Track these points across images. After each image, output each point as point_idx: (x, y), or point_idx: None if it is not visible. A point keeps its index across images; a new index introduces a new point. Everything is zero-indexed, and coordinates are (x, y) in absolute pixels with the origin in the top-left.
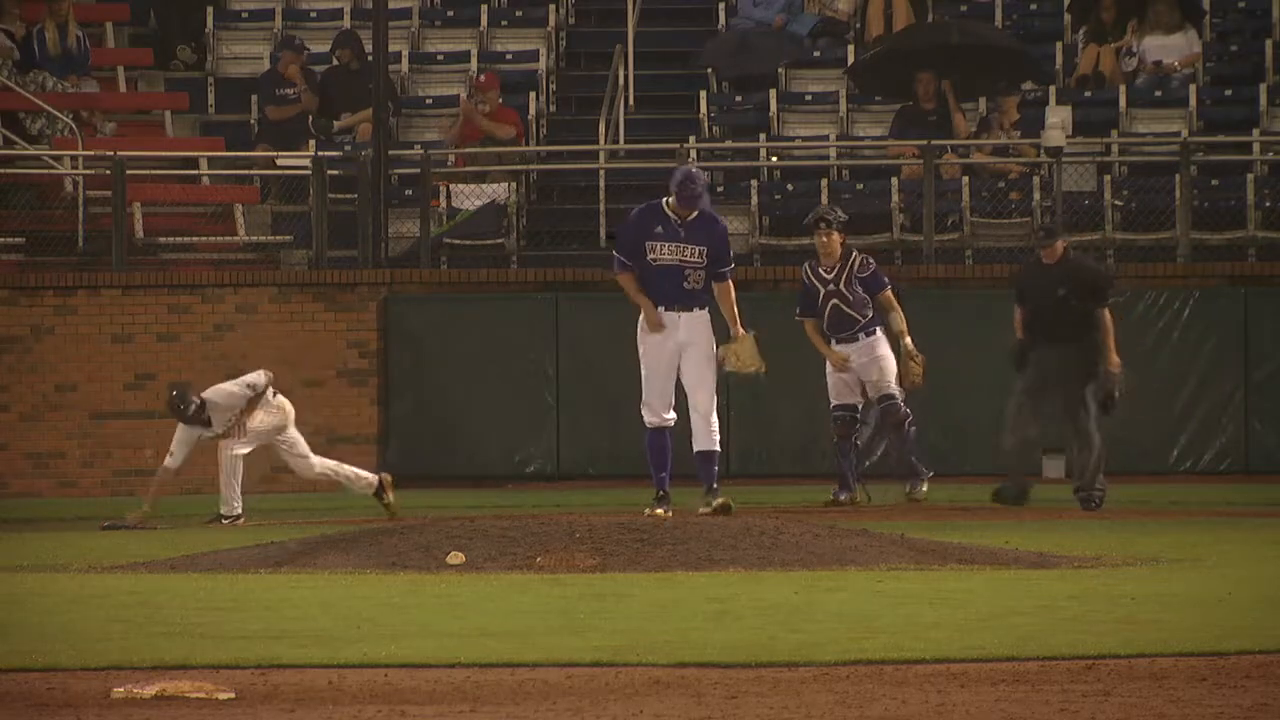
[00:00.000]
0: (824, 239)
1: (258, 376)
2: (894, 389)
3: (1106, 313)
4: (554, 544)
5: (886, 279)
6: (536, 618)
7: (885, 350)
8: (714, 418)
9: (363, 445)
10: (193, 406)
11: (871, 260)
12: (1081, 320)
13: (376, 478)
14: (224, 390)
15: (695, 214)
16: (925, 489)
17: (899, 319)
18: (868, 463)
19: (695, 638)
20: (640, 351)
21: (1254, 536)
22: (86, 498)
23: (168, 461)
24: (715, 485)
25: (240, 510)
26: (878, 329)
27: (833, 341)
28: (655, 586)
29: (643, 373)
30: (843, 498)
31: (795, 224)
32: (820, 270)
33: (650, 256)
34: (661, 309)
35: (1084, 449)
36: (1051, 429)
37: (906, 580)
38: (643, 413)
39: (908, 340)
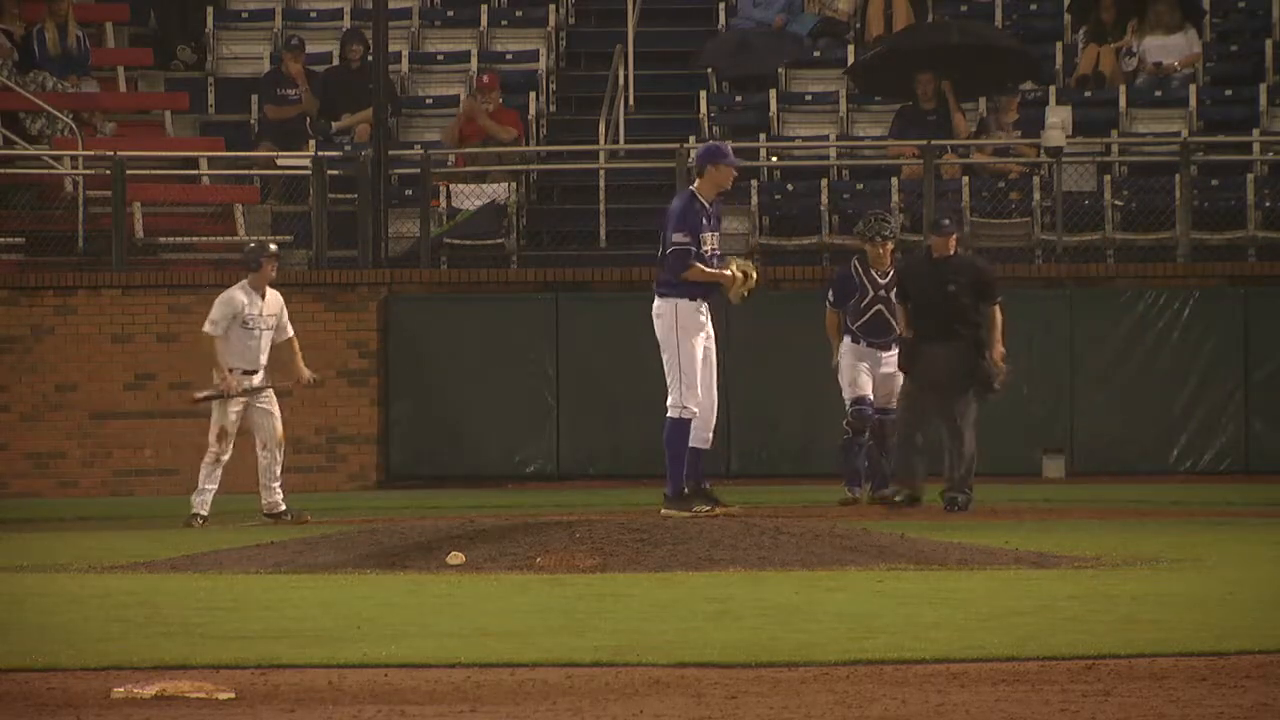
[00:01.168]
0: (880, 250)
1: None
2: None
3: (997, 310)
4: (554, 544)
5: None
6: (536, 618)
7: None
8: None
9: (363, 445)
10: (267, 252)
11: None
12: (968, 316)
13: (279, 509)
14: (279, 298)
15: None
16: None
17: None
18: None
19: (695, 638)
20: (679, 342)
21: (1254, 536)
22: (86, 498)
23: (209, 328)
24: (707, 484)
25: None
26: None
27: (863, 342)
28: (655, 586)
29: (685, 364)
30: (855, 493)
31: (795, 224)
32: (874, 273)
33: (705, 248)
34: (700, 300)
35: (957, 451)
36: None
37: (906, 580)
38: (684, 404)
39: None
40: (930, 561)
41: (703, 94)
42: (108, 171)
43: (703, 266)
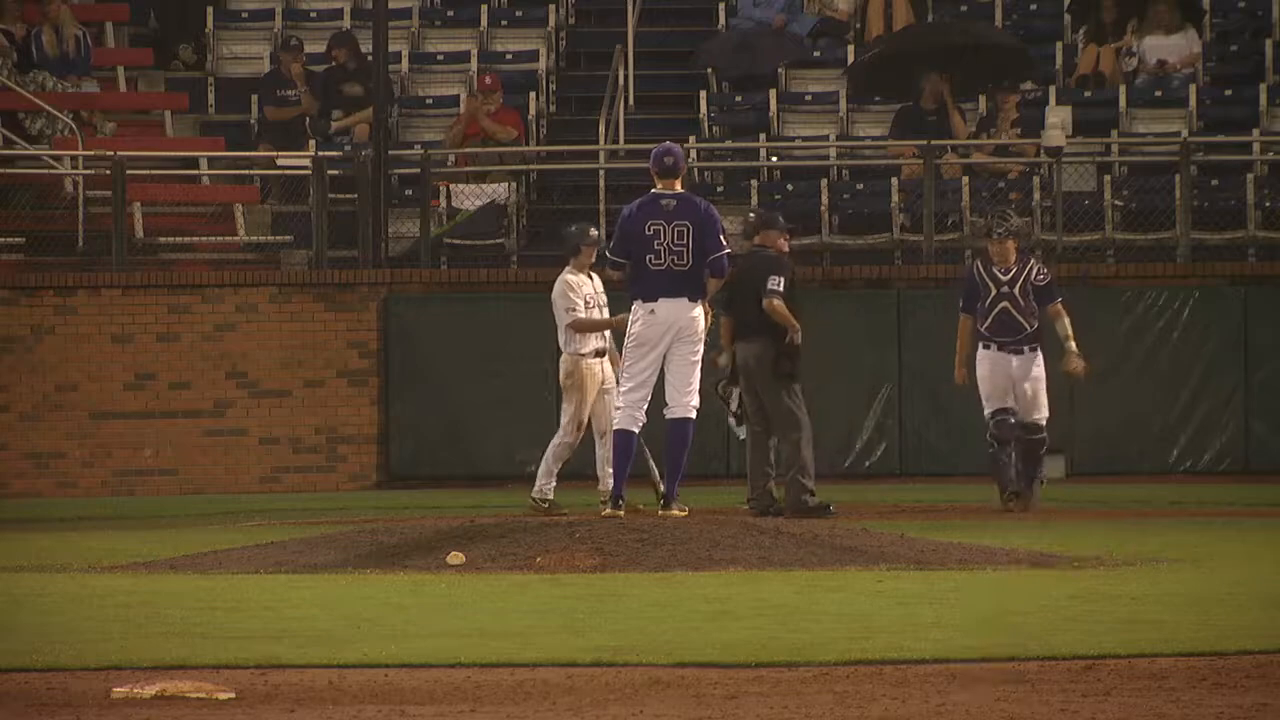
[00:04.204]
0: (1000, 247)
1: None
2: (1044, 417)
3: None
4: (554, 544)
5: (1059, 291)
6: (536, 618)
7: (1042, 371)
8: None
9: (363, 445)
10: (587, 238)
11: (1047, 270)
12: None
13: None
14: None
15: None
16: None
17: (1067, 325)
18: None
19: (695, 638)
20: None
21: (1254, 536)
22: (86, 498)
23: (571, 316)
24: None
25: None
26: (1039, 345)
27: (994, 346)
28: (655, 586)
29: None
30: (1011, 504)
31: (795, 224)
32: (995, 270)
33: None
34: None
35: (786, 450)
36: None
37: (906, 580)
38: (695, 404)
39: (1072, 344)
40: (930, 561)
41: (703, 94)
42: (108, 171)
43: None
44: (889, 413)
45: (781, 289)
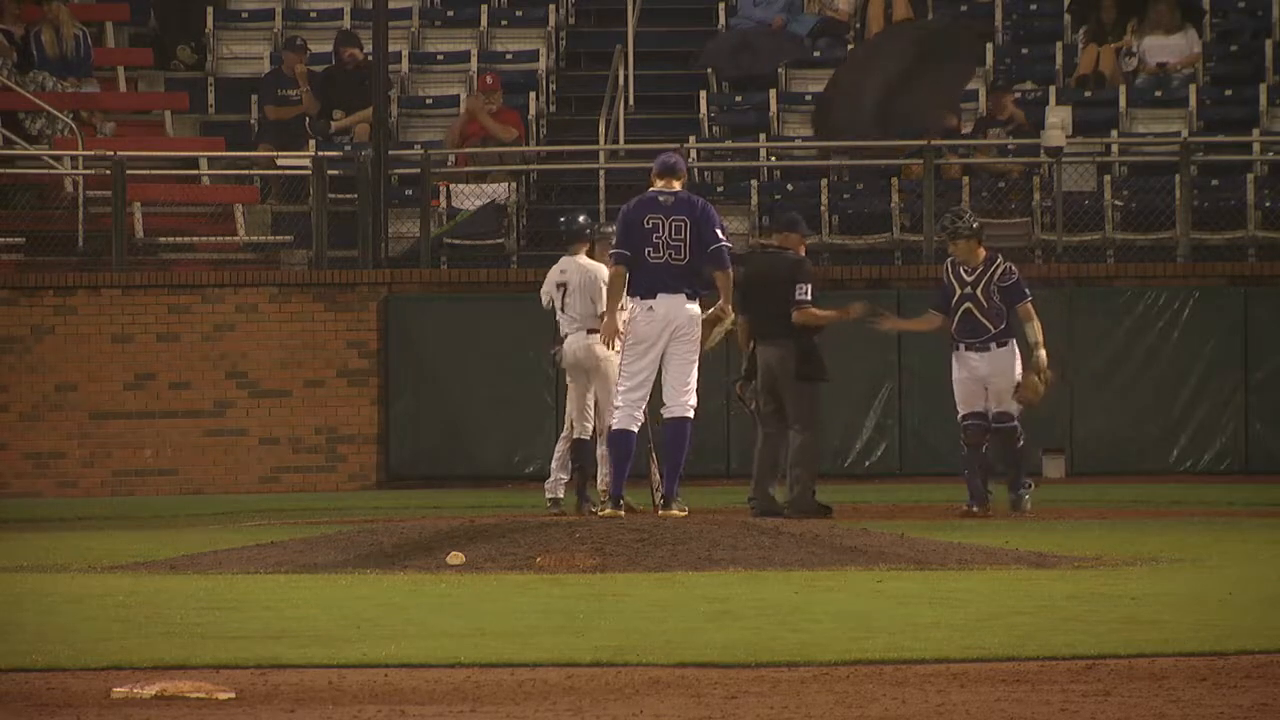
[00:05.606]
0: (952, 247)
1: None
2: (1013, 408)
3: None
4: (554, 544)
5: (1028, 290)
6: (536, 618)
7: (1016, 365)
8: None
9: (363, 445)
10: (589, 229)
11: (1015, 270)
12: None
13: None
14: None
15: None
16: (1029, 501)
17: (1036, 330)
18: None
19: (695, 638)
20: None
21: (1254, 536)
22: (86, 498)
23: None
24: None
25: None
26: (1011, 340)
27: (961, 346)
28: (655, 586)
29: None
30: (975, 508)
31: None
32: (961, 270)
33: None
34: None
35: (798, 446)
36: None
37: (906, 580)
38: (693, 403)
39: (1042, 353)
40: (930, 561)
41: (703, 94)
42: (108, 171)
43: None
44: (889, 413)
45: (810, 297)
